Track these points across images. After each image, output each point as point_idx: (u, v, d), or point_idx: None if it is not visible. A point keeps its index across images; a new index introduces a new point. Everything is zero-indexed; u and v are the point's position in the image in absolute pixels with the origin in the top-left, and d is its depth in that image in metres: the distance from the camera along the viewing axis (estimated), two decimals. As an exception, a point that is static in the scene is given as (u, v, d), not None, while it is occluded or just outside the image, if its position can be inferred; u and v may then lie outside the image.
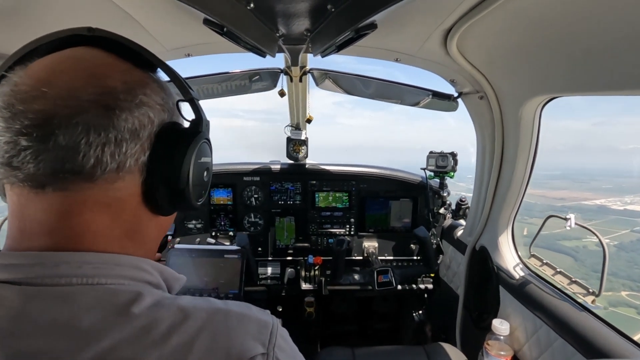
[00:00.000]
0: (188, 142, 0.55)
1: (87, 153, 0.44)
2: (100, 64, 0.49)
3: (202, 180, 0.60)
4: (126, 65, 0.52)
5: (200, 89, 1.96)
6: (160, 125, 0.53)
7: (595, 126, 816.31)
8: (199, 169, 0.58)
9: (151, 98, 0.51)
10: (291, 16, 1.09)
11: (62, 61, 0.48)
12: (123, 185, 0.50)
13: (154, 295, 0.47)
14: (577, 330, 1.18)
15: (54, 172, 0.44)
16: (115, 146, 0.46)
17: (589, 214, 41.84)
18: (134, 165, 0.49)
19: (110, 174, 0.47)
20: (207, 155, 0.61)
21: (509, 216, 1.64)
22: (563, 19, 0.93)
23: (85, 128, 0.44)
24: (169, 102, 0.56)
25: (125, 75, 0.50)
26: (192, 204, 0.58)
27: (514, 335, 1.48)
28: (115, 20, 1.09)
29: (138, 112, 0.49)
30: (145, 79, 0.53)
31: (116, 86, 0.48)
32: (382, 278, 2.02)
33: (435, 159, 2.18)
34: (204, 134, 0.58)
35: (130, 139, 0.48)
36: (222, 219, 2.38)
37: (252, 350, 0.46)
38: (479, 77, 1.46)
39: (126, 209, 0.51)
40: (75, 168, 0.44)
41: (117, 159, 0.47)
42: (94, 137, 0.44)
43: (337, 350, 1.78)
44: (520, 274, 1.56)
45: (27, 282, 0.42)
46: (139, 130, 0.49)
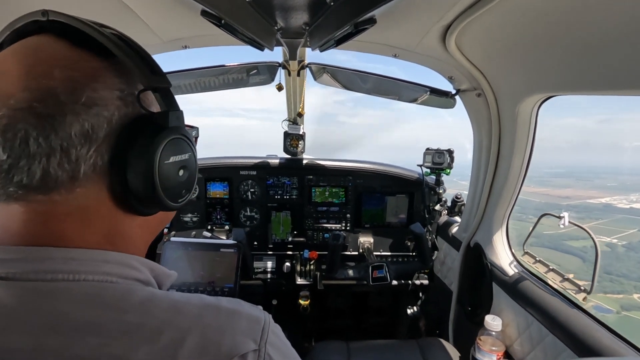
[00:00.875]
0: (150, 141, 0.48)
1: (32, 166, 0.41)
2: (43, 58, 0.44)
3: (177, 181, 0.53)
4: (78, 54, 0.46)
5: (197, 81, 1.95)
6: (122, 122, 0.47)
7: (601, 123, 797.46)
8: (168, 170, 0.51)
9: (103, 93, 0.45)
10: (290, 9, 1.08)
11: (7, 59, 0.44)
12: (84, 193, 0.46)
13: (144, 291, 0.46)
14: (568, 327, 1.20)
15: (3, 186, 0.42)
16: (62, 155, 0.42)
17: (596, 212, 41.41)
18: (90, 171, 0.45)
19: (63, 185, 0.43)
20: (180, 153, 0.53)
21: (503, 214, 1.66)
22: (562, 18, 0.93)
23: (23, 139, 0.40)
24: (133, 93, 0.49)
25: (69, 70, 0.44)
26: (168, 207, 0.53)
27: (506, 331, 1.49)
28: (111, 11, 1.08)
29: (87, 113, 0.43)
30: (99, 69, 0.46)
31: (55, 87, 0.42)
32: (377, 273, 2.04)
33: (432, 155, 2.18)
34: (174, 129, 0.51)
35: (81, 144, 0.43)
36: (218, 213, 2.38)
37: (243, 346, 0.45)
38: (476, 74, 1.46)
39: (98, 215, 0.48)
40: (24, 181, 0.41)
41: (68, 168, 0.43)
42: (34, 148, 0.40)
43: (332, 344, 1.80)
44: (513, 271, 1.58)
45: (11, 278, 0.41)
46: (91, 133, 0.44)
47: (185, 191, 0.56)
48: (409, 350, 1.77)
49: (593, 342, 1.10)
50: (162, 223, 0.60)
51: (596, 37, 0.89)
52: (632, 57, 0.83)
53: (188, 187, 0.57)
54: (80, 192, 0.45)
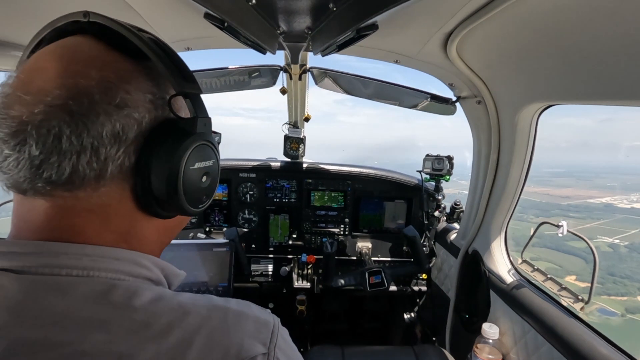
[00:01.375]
0: (177, 147, 0.49)
1: (62, 162, 0.42)
2: (80, 58, 0.45)
3: (199, 187, 0.54)
4: (113, 56, 0.47)
5: (199, 83, 1.95)
6: (151, 124, 0.48)
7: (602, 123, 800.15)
8: (193, 176, 0.52)
9: (135, 95, 0.46)
10: (293, 13, 1.08)
11: (44, 57, 0.45)
12: (108, 192, 0.47)
13: (153, 291, 0.46)
14: (564, 336, 1.20)
15: (32, 181, 0.43)
16: (92, 154, 0.43)
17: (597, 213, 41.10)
18: (117, 171, 0.46)
19: (89, 182, 0.45)
20: (205, 159, 0.54)
21: (502, 221, 1.66)
22: (563, 27, 0.93)
23: (56, 136, 0.41)
24: (164, 97, 0.50)
25: (104, 71, 0.45)
26: (188, 212, 0.53)
27: (502, 339, 1.49)
28: (115, 11, 1.08)
29: (118, 114, 0.44)
30: (132, 72, 0.48)
31: (90, 86, 0.43)
32: (374, 279, 2.03)
33: (431, 161, 2.18)
34: (201, 136, 0.52)
35: (111, 144, 0.44)
36: (216, 214, 2.38)
37: (252, 349, 0.45)
38: (477, 81, 1.47)
39: (117, 214, 0.49)
40: (52, 177, 0.42)
41: (96, 166, 0.44)
42: (66, 146, 0.42)
43: (327, 349, 1.79)
44: (511, 279, 1.58)
45: (25, 271, 0.42)
46: (121, 134, 0.45)
47: (206, 197, 0.57)
48: (404, 357, 1.76)
49: (589, 352, 1.10)
50: (178, 226, 0.61)
51: (597, 46, 0.90)
52: (633, 67, 0.84)
53: (209, 194, 0.57)
54: (104, 190, 0.46)
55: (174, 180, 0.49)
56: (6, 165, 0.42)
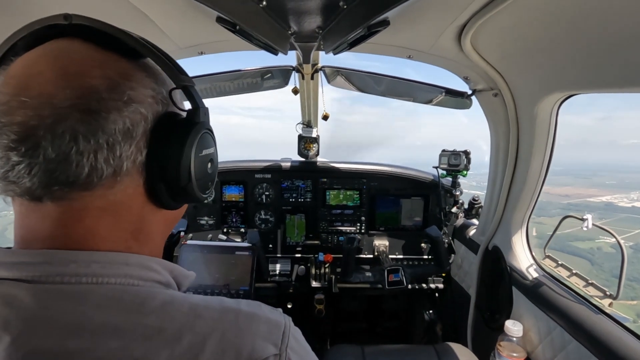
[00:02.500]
0: (186, 136, 0.51)
1: (80, 162, 0.42)
2: (77, 59, 0.45)
3: (206, 173, 0.57)
4: (107, 55, 0.47)
5: (213, 86, 1.98)
6: (155, 119, 0.49)
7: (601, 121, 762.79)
8: (201, 162, 0.55)
9: (139, 92, 0.47)
10: (303, 14, 1.08)
11: (37, 60, 0.44)
12: (122, 188, 0.48)
13: (164, 294, 0.46)
14: (592, 333, 1.16)
15: (48, 185, 0.42)
16: (109, 151, 0.44)
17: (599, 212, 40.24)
18: (131, 166, 0.47)
19: (107, 180, 0.45)
20: (209, 147, 0.57)
21: (523, 216, 1.61)
22: (581, 12, 0.90)
23: (72, 136, 0.41)
24: (162, 92, 0.51)
25: (105, 70, 0.45)
26: (198, 198, 0.56)
27: (527, 337, 1.45)
28: (129, 19, 1.11)
29: (127, 110, 0.45)
30: (130, 69, 0.48)
31: (96, 85, 0.43)
32: (393, 277, 2.01)
33: (447, 157, 2.15)
34: (203, 124, 0.54)
35: (124, 140, 0.45)
36: (233, 216, 2.40)
37: (264, 351, 0.45)
38: (493, 74, 1.43)
39: (129, 210, 0.50)
40: (70, 179, 0.43)
41: (113, 163, 0.45)
42: (84, 145, 0.42)
43: (347, 348, 1.79)
44: (534, 275, 1.53)
45: (36, 281, 0.42)
46: (131, 130, 0.46)
47: (211, 184, 0.59)
48: (425, 356, 1.74)
49: (620, 349, 1.06)
50: (177, 218, 0.62)
51: (617, 33, 0.86)
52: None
53: (213, 180, 0.60)
54: (119, 187, 0.47)
55: (187, 168, 0.51)
56: (15, 173, 0.41)
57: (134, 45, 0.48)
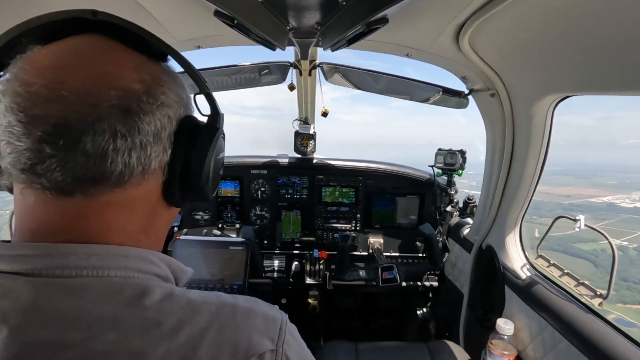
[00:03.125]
0: (209, 140, 0.55)
1: (115, 159, 0.44)
2: (113, 59, 0.46)
3: (219, 175, 0.61)
4: (138, 58, 0.49)
5: (210, 81, 1.96)
6: (178, 122, 0.52)
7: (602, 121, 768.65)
8: (217, 165, 0.59)
9: (169, 96, 0.50)
10: (302, 9, 1.08)
11: (70, 55, 0.44)
12: (147, 185, 0.50)
13: (163, 288, 0.47)
14: (583, 332, 1.17)
15: (82, 180, 0.43)
16: (141, 150, 0.46)
17: (601, 212, 39.89)
18: (157, 166, 0.50)
19: (136, 178, 0.48)
20: (223, 150, 0.61)
21: (517, 216, 1.63)
22: (579, 15, 0.90)
23: (112, 134, 0.43)
24: (183, 96, 0.54)
25: (140, 73, 0.47)
26: (209, 198, 0.59)
27: (518, 336, 1.47)
28: (125, 10, 1.10)
29: (159, 113, 0.48)
30: (160, 74, 0.50)
31: (136, 88, 0.46)
32: (387, 274, 2.02)
33: (443, 156, 2.16)
34: (220, 130, 0.58)
35: (154, 141, 0.48)
36: (229, 211, 2.40)
37: (260, 346, 0.46)
38: (490, 74, 1.44)
39: (145, 206, 0.52)
40: (105, 175, 0.44)
41: (143, 162, 0.47)
42: (121, 143, 0.44)
43: (340, 345, 1.80)
44: (526, 275, 1.55)
45: (36, 274, 0.42)
46: (160, 131, 0.49)
47: (216, 185, 0.62)
48: (418, 353, 1.75)
49: (609, 349, 1.07)
50: (175, 215, 0.63)
51: (614, 36, 0.87)
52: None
53: (219, 181, 0.64)
54: (145, 184, 0.50)
55: (208, 171, 0.55)
56: (46, 165, 0.41)
57: (165, 49, 0.51)
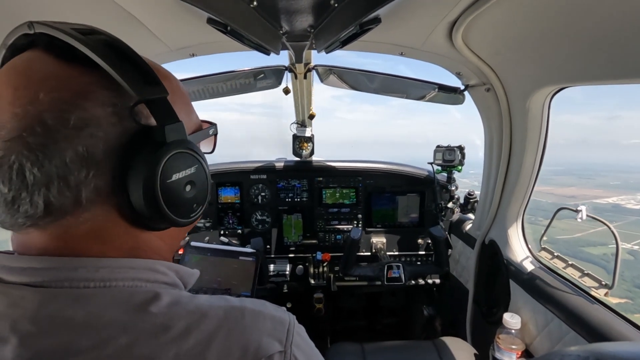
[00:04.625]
0: (147, 161, 0.45)
1: (33, 197, 0.40)
2: (34, 79, 0.41)
3: (184, 198, 0.50)
4: (66, 70, 0.43)
5: (205, 88, 1.97)
6: (122, 137, 0.44)
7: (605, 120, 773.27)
8: (173, 189, 0.48)
9: (95, 111, 0.42)
10: (294, 13, 1.08)
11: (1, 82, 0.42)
12: (92, 216, 0.45)
13: (171, 294, 0.47)
14: (589, 322, 1.17)
15: (13, 218, 0.42)
16: (61, 182, 0.41)
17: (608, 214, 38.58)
18: (94, 195, 0.43)
19: (68, 211, 0.43)
20: (184, 168, 0.49)
21: (518, 209, 1.63)
22: (570, 6, 0.91)
23: (19, 171, 0.39)
24: (128, 106, 0.45)
25: (56, 92, 0.41)
26: (180, 224, 0.50)
27: (525, 329, 1.46)
28: (117, 22, 1.10)
29: (78, 136, 0.41)
30: (88, 85, 0.43)
31: (42, 112, 0.39)
32: (392, 273, 2.02)
33: (442, 152, 2.16)
34: (174, 144, 0.47)
35: (78, 169, 0.41)
36: (230, 218, 2.40)
37: (269, 348, 0.45)
38: (485, 68, 1.44)
39: (115, 234, 0.47)
40: (29, 212, 0.41)
41: (69, 194, 0.41)
42: (31, 180, 0.39)
43: (347, 346, 1.79)
44: (530, 267, 1.55)
45: (46, 285, 0.42)
46: (87, 156, 0.41)
47: (197, 205, 0.53)
48: (425, 351, 1.74)
49: (617, 337, 1.07)
50: (183, 233, 0.60)
51: (605, 26, 0.87)
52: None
53: (199, 201, 0.54)
54: (87, 216, 0.44)
55: (152, 197, 0.46)
56: None
57: (88, 53, 0.42)
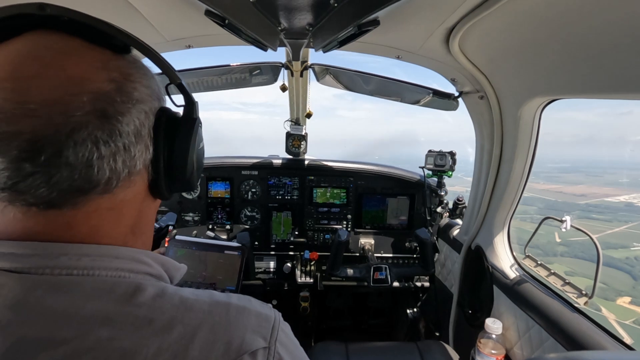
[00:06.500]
0: (189, 132, 0.54)
1: (102, 167, 0.43)
2: (76, 61, 0.43)
3: (202, 164, 0.62)
4: (101, 54, 0.45)
5: (200, 81, 1.95)
6: (154, 115, 0.50)
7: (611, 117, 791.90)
8: (199, 155, 0.59)
9: (141, 91, 0.48)
10: (294, 10, 1.08)
11: (28, 62, 0.41)
12: (133, 188, 0.50)
13: (155, 286, 0.46)
14: (568, 330, 1.19)
15: (69, 192, 0.42)
16: (126, 153, 0.45)
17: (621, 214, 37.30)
18: (141, 165, 0.49)
19: (124, 181, 0.47)
20: (202, 139, 0.61)
21: (505, 217, 1.65)
22: (565, 21, 0.92)
23: (93, 142, 0.41)
24: (155, 88, 0.51)
25: (108, 72, 0.44)
26: (194, 187, 0.59)
27: (506, 334, 1.49)
28: (114, 9, 1.08)
29: (136, 111, 0.46)
30: (128, 68, 0.47)
31: (107, 89, 0.43)
32: (378, 275, 2.03)
33: (433, 157, 2.18)
34: (199, 119, 0.57)
35: (136, 141, 0.47)
36: (219, 212, 2.38)
37: (253, 343, 0.46)
38: (479, 76, 1.46)
39: (132, 206, 0.51)
40: (93, 184, 0.43)
41: (129, 164, 0.46)
42: (104, 150, 0.43)
43: (331, 345, 1.80)
44: (514, 274, 1.57)
45: (25, 272, 0.42)
46: (140, 129, 0.47)
47: (200, 173, 0.62)
48: (408, 353, 1.76)
49: (593, 346, 1.10)
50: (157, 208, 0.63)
51: (600, 39, 0.89)
52: (636, 61, 0.83)
53: (201, 170, 0.66)
54: (132, 186, 0.49)
55: (192, 162, 0.55)
56: (29, 183, 0.40)
57: (130, 42, 0.48)
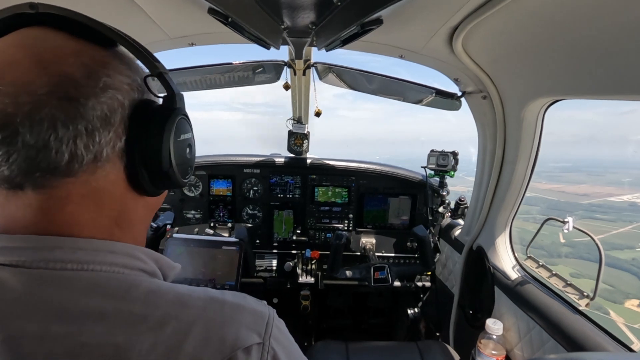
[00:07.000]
0: (164, 122, 0.52)
1: (60, 149, 0.42)
2: (50, 47, 0.45)
3: (185, 158, 0.58)
4: (81, 44, 0.47)
5: (203, 79, 1.95)
6: (132, 106, 0.50)
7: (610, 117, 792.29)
8: (180, 147, 0.56)
9: (116, 79, 0.48)
10: (297, 8, 1.08)
11: (9, 49, 0.44)
12: (104, 175, 0.48)
13: (149, 282, 0.47)
14: (569, 332, 1.19)
15: (29, 172, 0.42)
16: (88, 137, 0.44)
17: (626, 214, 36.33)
18: (111, 153, 0.48)
19: (88, 166, 0.45)
20: (186, 132, 0.58)
21: (507, 217, 1.65)
22: (570, 21, 0.92)
23: (51, 123, 0.41)
24: (137, 79, 0.52)
25: (80, 57, 0.45)
26: (179, 183, 0.57)
27: (507, 335, 1.49)
28: (117, 7, 1.08)
29: (105, 96, 0.46)
30: (105, 57, 0.48)
31: (73, 72, 0.44)
32: (379, 274, 2.03)
33: (436, 157, 2.17)
34: (180, 110, 0.55)
35: (102, 126, 0.45)
36: (221, 210, 2.39)
37: (247, 339, 0.46)
38: (483, 76, 1.45)
39: (111, 197, 0.50)
40: (51, 165, 0.42)
41: (92, 149, 0.45)
42: (62, 132, 0.42)
43: (331, 344, 1.80)
44: (516, 275, 1.57)
45: (20, 265, 0.42)
46: (109, 116, 0.46)
47: (190, 168, 0.61)
48: (408, 353, 1.76)
49: (595, 349, 1.09)
50: (158, 205, 0.62)
51: (604, 40, 0.88)
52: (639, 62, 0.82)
53: (192, 165, 0.61)
54: (100, 173, 0.48)
55: (167, 154, 0.52)
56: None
57: (106, 33, 0.48)
